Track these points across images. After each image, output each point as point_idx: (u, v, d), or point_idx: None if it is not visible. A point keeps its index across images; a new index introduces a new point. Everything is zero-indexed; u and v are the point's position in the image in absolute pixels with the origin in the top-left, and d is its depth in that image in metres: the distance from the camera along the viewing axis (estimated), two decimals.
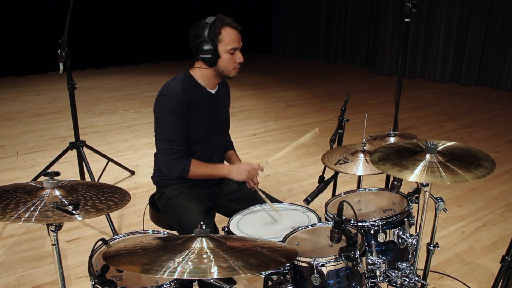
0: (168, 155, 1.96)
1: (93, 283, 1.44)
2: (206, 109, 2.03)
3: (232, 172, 2.05)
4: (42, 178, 1.51)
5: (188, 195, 2.06)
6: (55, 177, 1.48)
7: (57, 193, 1.43)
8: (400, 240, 1.80)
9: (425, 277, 1.97)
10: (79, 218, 1.34)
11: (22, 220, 1.27)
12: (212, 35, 1.88)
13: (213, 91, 2.07)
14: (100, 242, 1.50)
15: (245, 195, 2.18)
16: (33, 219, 1.28)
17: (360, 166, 2.05)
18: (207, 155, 2.11)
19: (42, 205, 1.35)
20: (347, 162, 2.07)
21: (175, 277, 1.13)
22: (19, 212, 1.30)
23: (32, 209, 1.32)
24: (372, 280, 1.64)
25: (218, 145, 2.18)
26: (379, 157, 1.74)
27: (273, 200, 2.12)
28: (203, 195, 2.10)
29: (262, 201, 2.07)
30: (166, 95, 1.94)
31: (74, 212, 1.34)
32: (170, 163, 1.96)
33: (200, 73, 2.00)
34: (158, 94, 1.97)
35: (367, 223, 1.76)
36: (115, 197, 1.48)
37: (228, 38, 1.89)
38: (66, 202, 1.38)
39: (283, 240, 1.62)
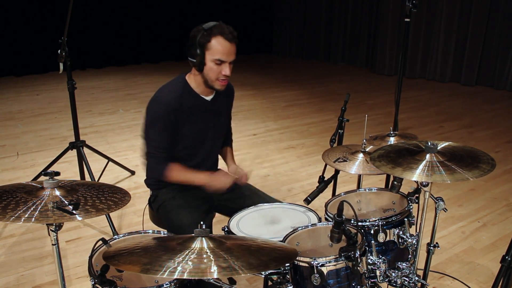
0: (150, 158, 2.01)
1: (93, 283, 1.44)
2: (198, 116, 2.02)
3: (209, 182, 1.97)
4: (42, 178, 1.51)
5: (181, 200, 2.05)
6: (55, 177, 1.48)
7: (57, 193, 1.43)
8: (400, 240, 1.80)
9: (425, 277, 1.97)
10: (79, 218, 1.34)
11: (22, 220, 1.27)
12: (202, 41, 1.87)
13: (208, 98, 2.05)
14: (100, 242, 1.51)
15: (242, 194, 2.17)
16: (33, 219, 1.28)
17: (358, 165, 2.05)
18: (199, 160, 2.11)
19: (42, 205, 1.35)
20: (346, 161, 2.08)
21: (175, 277, 1.13)
22: (19, 212, 1.30)
23: (32, 209, 1.32)
24: (372, 280, 1.65)
25: (212, 151, 2.17)
26: (379, 158, 1.75)
27: (273, 200, 2.12)
28: (197, 198, 2.09)
29: (261, 200, 2.07)
30: (157, 101, 1.96)
31: (74, 212, 1.34)
32: (150, 166, 2.02)
33: (194, 79, 2.00)
34: (152, 98, 1.98)
35: (367, 223, 1.76)
36: (115, 197, 1.48)
37: (217, 48, 1.86)
38: (66, 202, 1.38)
39: (283, 240, 1.62)
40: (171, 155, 2.02)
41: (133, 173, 3.85)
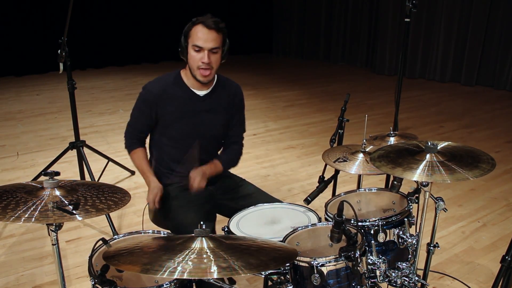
0: (127, 129, 2.19)
1: (93, 283, 1.44)
2: (185, 110, 2.05)
3: (148, 190, 2.06)
4: (42, 178, 1.51)
5: (184, 200, 2.05)
6: (55, 177, 1.48)
7: (57, 193, 1.42)
8: (400, 240, 1.80)
9: (425, 277, 1.97)
10: (79, 218, 1.33)
11: (22, 220, 1.27)
12: (186, 31, 1.97)
13: (200, 93, 2.07)
14: (100, 242, 1.51)
15: (242, 195, 2.17)
16: (33, 219, 1.28)
17: (358, 165, 2.05)
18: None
19: (42, 205, 1.35)
20: (346, 161, 2.08)
21: (175, 277, 1.13)
22: (19, 212, 1.30)
23: (32, 209, 1.32)
24: (372, 280, 1.64)
25: (208, 148, 2.16)
26: (379, 158, 1.74)
27: (273, 199, 2.12)
28: (200, 197, 2.08)
29: (262, 200, 2.07)
30: (145, 88, 2.09)
31: (74, 212, 1.34)
32: (125, 135, 2.19)
33: (186, 73, 2.06)
34: (147, 82, 2.10)
35: (367, 223, 1.76)
36: (115, 197, 1.48)
37: (195, 35, 1.92)
38: (66, 202, 1.38)
39: (283, 240, 1.62)
40: (145, 137, 2.18)
41: (133, 173, 3.85)
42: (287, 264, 1.52)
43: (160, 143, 2.13)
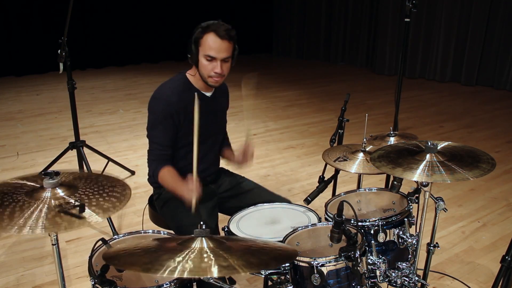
0: (150, 154, 2.04)
1: (93, 283, 1.44)
2: (202, 112, 2.03)
3: (184, 195, 1.85)
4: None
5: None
6: (55, 177, 1.47)
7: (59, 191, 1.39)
8: (400, 240, 1.80)
9: (425, 277, 1.97)
10: (88, 221, 1.29)
11: (28, 228, 1.22)
12: (196, 38, 1.90)
13: (208, 94, 2.07)
14: (100, 242, 1.51)
15: (243, 191, 2.18)
16: (43, 228, 1.22)
17: (359, 165, 2.05)
18: (201, 156, 2.11)
19: (46, 209, 1.30)
20: (346, 160, 2.08)
21: (175, 276, 1.13)
22: (26, 220, 1.25)
23: (36, 214, 1.27)
24: (372, 280, 1.65)
25: (213, 147, 2.19)
26: (379, 158, 1.75)
27: (274, 196, 2.12)
28: (202, 194, 2.10)
29: (263, 196, 2.07)
30: (160, 99, 1.97)
31: (82, 215, 1.30)
32: (149, 162, 2.05)
33: (194, 75, 2.02)
34: (153, 95, 2.00)
35: (367, 223, 1.76)
36: (116, 191, 1.45)
37: (207, 44, 1.87)
38: (71, 205, 1.33)
39: (283, 240, 1.62)
40: (173, 154, 2.04)
41: (133, 173, 3.85)
42: (287, 264, 1.52)
43: (174, 153, 2.08)
